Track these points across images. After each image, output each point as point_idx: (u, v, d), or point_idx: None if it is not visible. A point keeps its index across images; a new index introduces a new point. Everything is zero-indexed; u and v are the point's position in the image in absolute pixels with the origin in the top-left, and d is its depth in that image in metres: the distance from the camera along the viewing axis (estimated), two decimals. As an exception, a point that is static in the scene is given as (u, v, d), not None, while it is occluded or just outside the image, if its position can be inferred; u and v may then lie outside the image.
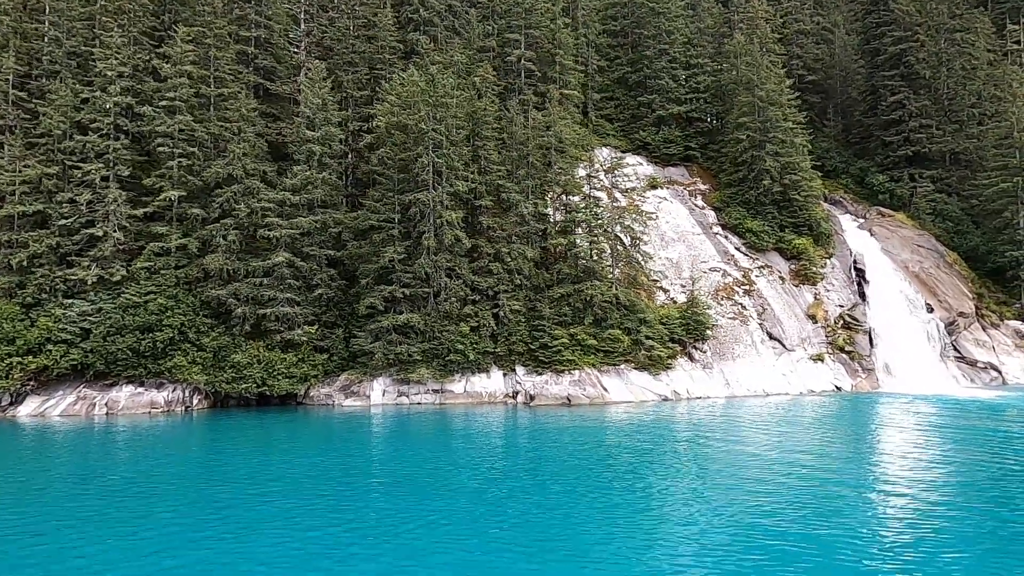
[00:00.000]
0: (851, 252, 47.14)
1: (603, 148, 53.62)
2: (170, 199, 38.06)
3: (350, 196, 44.91)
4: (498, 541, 14.48)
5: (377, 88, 45.01)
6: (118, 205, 37.91)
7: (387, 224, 38.31)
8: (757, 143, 47.33)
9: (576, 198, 41.31)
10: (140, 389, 35.83)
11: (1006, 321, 45.75)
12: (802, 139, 48.37)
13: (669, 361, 37.78)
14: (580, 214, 40.14)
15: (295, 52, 46.99)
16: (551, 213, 41.12)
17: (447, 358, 36.91)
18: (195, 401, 36.52)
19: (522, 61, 50.53)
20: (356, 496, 18.40)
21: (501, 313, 37.87)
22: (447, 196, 38.30)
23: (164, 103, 38.98)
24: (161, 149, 38.43)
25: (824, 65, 66.75)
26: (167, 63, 39.84)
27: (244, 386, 36.44)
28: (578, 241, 39.15)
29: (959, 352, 43.03)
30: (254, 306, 37.73)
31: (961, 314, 44.25)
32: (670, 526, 15.43)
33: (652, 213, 47.90)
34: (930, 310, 43.75)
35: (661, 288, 42.69)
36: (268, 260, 38.17)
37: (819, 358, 40.38)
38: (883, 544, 13.77)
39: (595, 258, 39.70)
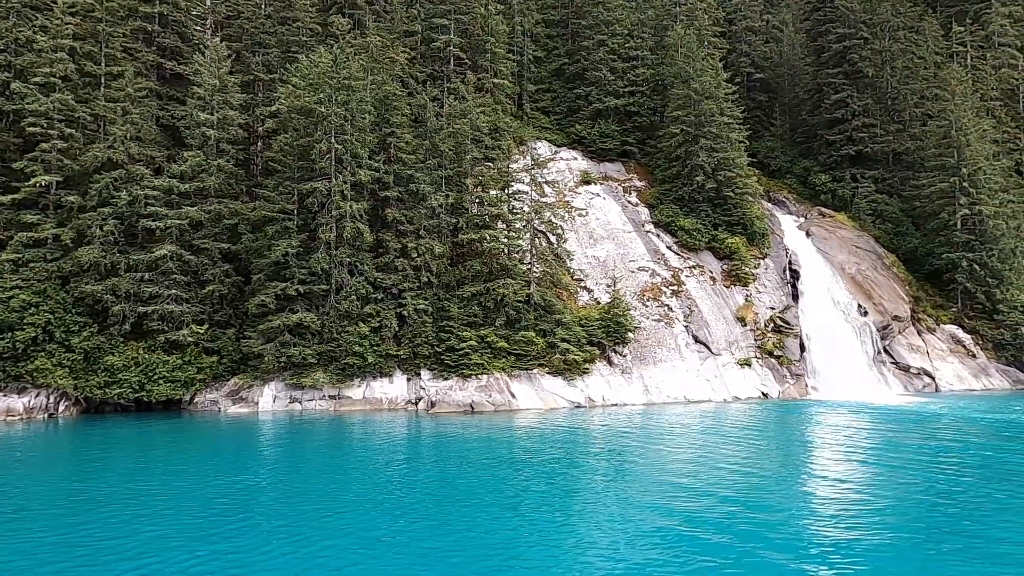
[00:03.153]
0: (787, 252, 45.35)
1: (537, 142, 51.29)
2: (40, 184, 34.58)
3: (256, 186, 41.75)
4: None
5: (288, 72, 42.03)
6: (-17, 191, 34.40)
7: (283, 215, 35.32)
8: (691, 137, 45.33)
9: (494, 191, 38.72)
10: (-2, 394, 32.26)
11: (942, 325, 44.33)
12: (738, 134, 46.45)
13: (586, 366, 35.35)
14: (495, 208, 37.57)
15: (199, 30, 43.63)
16: (468, 207, 38.41)
17: (344, 361, 34.01)
18: (61, 408, 33.05)
19: (450, 48, 47.99)
20: (199, 525, 15.49)
21: (405, 313, 35.10)
22: (349, 186, 35.45)
23: (39, 79, 35.51)
24: (32, 129, 34.93)
25: (772, 63, 65.37)
26: (44, 36, 36.35)
27: (118, 391, 33.13)
28: (492, 236, 36.52)
29: (892, 357, 41.41)
30: (135, 303, 34.46)
31: (896, 318, 42.68)
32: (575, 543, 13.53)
33: (582, 209, 45.72)
34: (864, 313, 42.10)
35: (585, 288, 40.32)
36: (152, 253, 34.91)
37: (746, 363, 38.35)
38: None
39: (511, 255, 37.16)
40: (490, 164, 41.34)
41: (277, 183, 36.08)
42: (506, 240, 37.28)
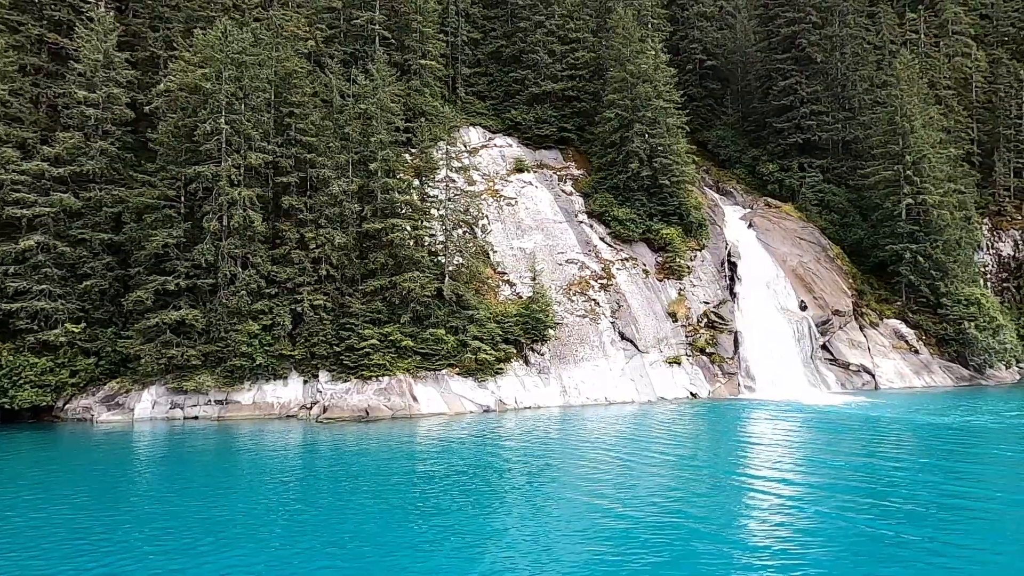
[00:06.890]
0: (727, 244, 43.13)
1: (470, 127, 48.56)
2: None
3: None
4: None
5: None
6: None
7: (164, 203, 32.12)
8: (626, 122, 42.87)
9: (406, 177, 35.83)
10: None
11: (885, 320, 42.47)
12: (676, 120, 44.05)
13: (500, 366, 32.75)
14: (404, 195, 34.71)
15: (90, 2, 39.98)
16: (377, 194, 35.46)
17: (232, 362, 31.00)
18: (-92, 417, 29.62)
19: (374, 26, 44.91)
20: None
21: (301, 309, 32.15)
22: (240, 170, 32.34)
23: None
24: None
25: (725, 51, 63.14)
26: None
27: (-27, 397, 29.77)
28: (399, 226, 33.66)
29: (831, 354, 39.43)
30: (-2, 300, 31.09)
31: (837, 312, 40.70)
32: None
33: (512, 198, 43.08)
34: (804, 308, 40.04)
35: (507, 282, 37.68)
36: (17, 244, 31.52)
37: (675, 361, 36.04)
38: None
39: (424, 246, 34.36)
40: (412, 149, 38.54)
41: (160, 167, 32.86)
42: (416, 230, 34.46)
